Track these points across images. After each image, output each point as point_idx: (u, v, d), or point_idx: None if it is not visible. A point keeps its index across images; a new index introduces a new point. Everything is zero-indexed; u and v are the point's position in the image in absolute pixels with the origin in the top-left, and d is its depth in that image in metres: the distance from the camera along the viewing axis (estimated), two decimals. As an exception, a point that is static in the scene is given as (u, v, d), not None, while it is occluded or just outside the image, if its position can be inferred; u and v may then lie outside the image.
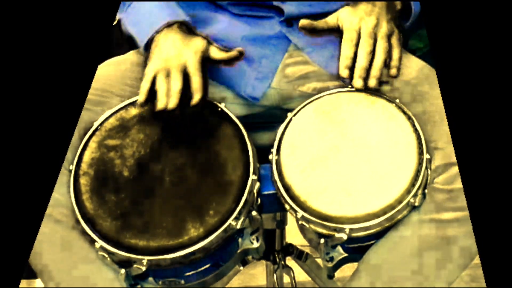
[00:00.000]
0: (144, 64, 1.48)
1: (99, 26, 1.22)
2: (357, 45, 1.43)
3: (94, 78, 1.44)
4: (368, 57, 1.42)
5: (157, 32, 1.47)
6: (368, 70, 1.42)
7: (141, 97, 1.43)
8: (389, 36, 1.45)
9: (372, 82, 1.42)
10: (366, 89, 1.43)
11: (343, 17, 1.47)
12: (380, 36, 1.43)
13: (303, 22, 1.49)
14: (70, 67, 1.14)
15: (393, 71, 1.44)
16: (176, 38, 1.46)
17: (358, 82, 1.42)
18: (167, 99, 1.40)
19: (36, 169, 1.04)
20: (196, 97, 1.41)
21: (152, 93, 1.42)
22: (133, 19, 1.54)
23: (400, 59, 1.45)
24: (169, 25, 1.48)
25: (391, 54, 1.45)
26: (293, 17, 1.57)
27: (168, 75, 1.43)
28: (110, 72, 1.53)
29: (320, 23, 1.49)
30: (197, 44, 1.47)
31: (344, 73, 1.42)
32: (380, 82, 1.43)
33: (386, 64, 1.44)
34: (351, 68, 1.42)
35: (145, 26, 1.50)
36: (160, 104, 1.40)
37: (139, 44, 1.52)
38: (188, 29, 1.50)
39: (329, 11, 1.57)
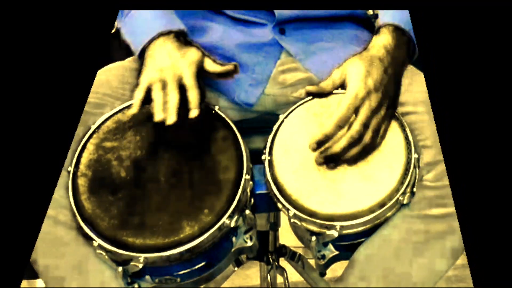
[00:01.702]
0: (138, 72, 1.46)
1: (98, 33, 1.22)
2: (343, 126, 1.33)
3: (94, 83, 1.43)
4: (346, 148, 1.33)
5: (152, 40, 1.45)
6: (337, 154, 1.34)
7: (135, 107, 1.39)
8: (380, 126, 1.35)
9: (331, 165, 1.35)
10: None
11: (351, 79, 1.36)
12: (372, 127, 1.34)
13: (309, 89, 1.43)
14: (71, 72, 1.14)
15: (351, 163, 1.35)
16: (172, 48, 1.44)
17: (319, 160, 1.34)
18: (165, 113, 1.37)
19: (37, 170, 1.04)
20: (194, 113, 1.38)
21: (145, 102, 1.41)
22: (130, 28, 1.52)
23: (367, 156, 1.35)
24: (165, 34, 1.45)
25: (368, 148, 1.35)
26: (285, 21, 1.57)
27: (164, 86, 1.40)
28: (109, 76, 1.53)
29: (327, 86, 1.41)
30: (193, 55, 1.45)
31: (312, 146, 1.34)
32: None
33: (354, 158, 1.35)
34: (322, 144, 1.34)
35: (141, 34, 1.48)
36: (157, 117, 1.37)
37: (134, 52, 1.50)
38: (184, 39, 1.48)
39: (320, 15, 1.57)
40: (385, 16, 1.44)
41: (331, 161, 1.35)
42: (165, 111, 1.37)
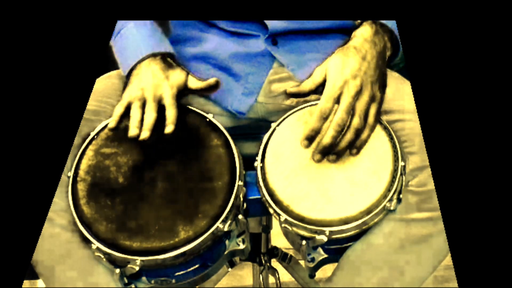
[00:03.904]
0: (123, 89, 1.47)
1: (97, 42, 1.22)
2: (327, 117, 1.34)
3: (92, 91, 1.43)
4: (335, 136, 1.33)
5: (140, 61, 1.46)
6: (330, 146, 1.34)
7: (112, 121, 1.42)
8: (367, 110, 1.35)
9: (331, 157, 1.34)
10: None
11: (329, 73, 1.37)
12: (357, 111, 1.34)
13: (290, 90, 1.42)
14: (71, 80, 1.14)
15: (354, 151, 1.35)
16: (157, 69, 1.44)
17: (316, 156, 1.34)
18: (139, 129, 1.39)
19: (37, 175, 1.04)
20: (169, 129, 1.40)
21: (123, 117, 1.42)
22: (120, 48, 1.51)
23: (366, 140, 1.36)
24: (153, 55, 1.46)
25: (361, 132, 1.35)
26: (277, 33, 1.57)
27: (143, 105, 1.42)
28: (108, 84, 1.52)
29: (307, 85, 1.40)
30: (176, 77, 1.46)
31: (303, 143, 1.35)
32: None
33: (351, 144, 1.35)
34: (312, 139, 1.34)
35: (130, 54, 1.49)
36: (131, 132, 1.39)
37: (123, 72, 1.50)
38: (171, 59, 1.49)
39: (311, 28, 1.57)
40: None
41: (327, 153, 1.35)
42: (140, 128, 1.39)
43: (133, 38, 1.50)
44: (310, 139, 1.35)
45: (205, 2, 1.47)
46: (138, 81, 1.44)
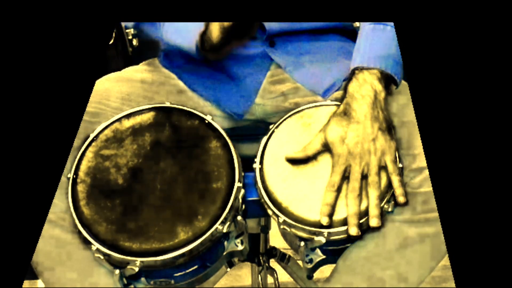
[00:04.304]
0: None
1: (97, 44, 1.22)
2: (340, 187, 1.33)
3: (92, 92, 1.43)
4: (357, 201, 1.31)
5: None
6: (362, 213, 1.32)
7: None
8: (379, 165, 1.34)
9: (373, 222, 1.31)
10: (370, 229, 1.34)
11: (331, 147, 1.35)
12: (370, 171, 1.33)
13: (288, 156, 1.39)
14: (70, 82, 1.14)
15: (401, 199, 1.33)
16: None
17: (353, 230, 1.30)
18: None
19: (38, 177, 1.04)
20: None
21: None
22: (174, 29, 1.52)
23: (401, 182, 1.33)
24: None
25: (390, 181, 1.33)
26: (275, 34, 1.57)
27: None
28: (107, 86, 1.52)
29: (306, 152, 1.38)
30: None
31: (324, 221, 1.31)
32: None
33: (383, 197, 1.33)
34: (331, 215, 1.31)
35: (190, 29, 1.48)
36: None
37: (189, 49, 1.49)
38: None
39: (308, 28, 1.57)
40: (356, 58, 1.44)
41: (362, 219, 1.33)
42: None
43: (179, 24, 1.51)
44: (330, 215, 1.32)
45: (204, 4, 1.47)
46: None
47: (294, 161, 1.38)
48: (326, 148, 1.37)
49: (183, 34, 1.50)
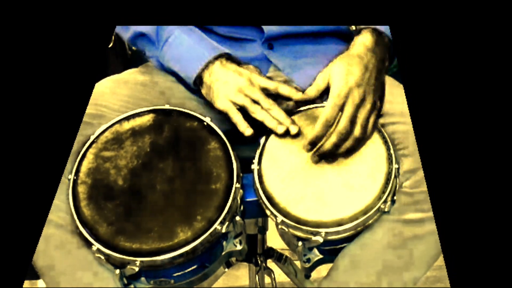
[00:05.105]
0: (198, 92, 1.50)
1: (97, 47, 1.22)
2: (332, 125, 1.35)
3: (92, 95, 1.44)
4: (336, 144, 1.34)
5: (207, 65, 1.46)
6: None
7: (249, 130, 1.42)
8: (368, 119, 1.37)
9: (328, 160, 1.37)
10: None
11: (333, 80, 1.37)
12: (359, 121, 1.35)
13: (296, 98, 1.43)
14: (70, 84, 1.14)
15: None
16: (235, 67, 1.46)
17: (314, 159, 1.37)
18: (281, 125, 1.41)
19: (38, 178, 1.04)
20: (298, 95, 1.43)
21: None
22: (174, 55, 1.52)
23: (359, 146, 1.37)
24: (218, 58, 1.47)
25: (360, 141, 1.37)
26: (273, 37, 1.57)
27: (254, 101, 1.43)
28: (107, 89, 1.53)
29: (311, 92, 1.41)
30: (253, 68, 1.48)
31: (306, 148, 1.37)
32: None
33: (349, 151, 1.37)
34: (315, 144, 1.36)
35: (191, 60, 1.49)
36: (279, 130, 1.41)
37: (186, 79, 1.51)
38: (236, 59, 1.50)
39: (306, 31, 1.57)
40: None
41: (325, 157, 1.36)
42: (280, 124, 1.41)
43: (187, 44, 1.51)
44: (313, 144, 1.36)
45: (202, 8, 1.47)
46: (227, 85, 1.45)
47: (300, 102, 1.44)
48: (328, 85, 1.38)
49: (182, 63, 1.51)
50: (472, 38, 1.13)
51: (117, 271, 1.30)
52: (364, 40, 1.41)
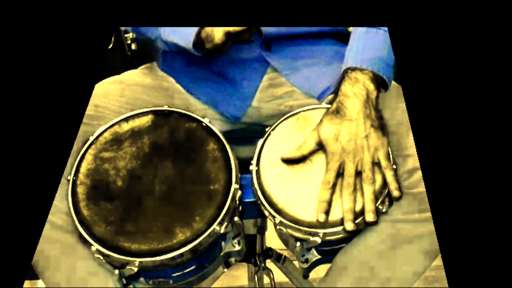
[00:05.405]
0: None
1: (96, 49, 1.22)
2: (335, 185, 1.33)
3: (91, 96, 1.44)
4: (352, 197, 1.31)
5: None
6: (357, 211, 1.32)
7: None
8: (373, 161, 1.34)
9: (369, 217, 1.31)
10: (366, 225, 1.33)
11: (325, 145, 1.35)
12: (364, 168, 1.33)
13: (283, 156, 1.39)
14: (70, 85, 1.14)
15: (395, 194, 1.33)
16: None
17: (349, 225, 1.30)
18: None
19: (38, 178, 1.04)
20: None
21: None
22: (172, 29, 1.51)
23: (394, 177, 1.33)
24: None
25: (384, 177, 1.33)
26: (271, 38, 1.57)
27: None
28: (106, 90, 1.53)
29: (301, 152, 1.38)
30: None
31: (321, 218, 1.31)
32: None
33: (379, 193, 1.33)
34: (328, 211, 1.31)
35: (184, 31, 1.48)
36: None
37: (186, 42, 1.48)
38: None
39: (304, 32, 1.57)
40: (349, 59, 1.44)
41: (360, 216, 1.33)
42: None
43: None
44: (326, 212, 1.32)
45: (201, 9, 1.47)
46: None
47: (289, 161, 1.39)
48: (320, 146, 1.37)
49: (180, 32, 1.50)
50: (470, 39, 1.13)
51: (116, 271, 1.31)
52: (342, 89, 1.39)
